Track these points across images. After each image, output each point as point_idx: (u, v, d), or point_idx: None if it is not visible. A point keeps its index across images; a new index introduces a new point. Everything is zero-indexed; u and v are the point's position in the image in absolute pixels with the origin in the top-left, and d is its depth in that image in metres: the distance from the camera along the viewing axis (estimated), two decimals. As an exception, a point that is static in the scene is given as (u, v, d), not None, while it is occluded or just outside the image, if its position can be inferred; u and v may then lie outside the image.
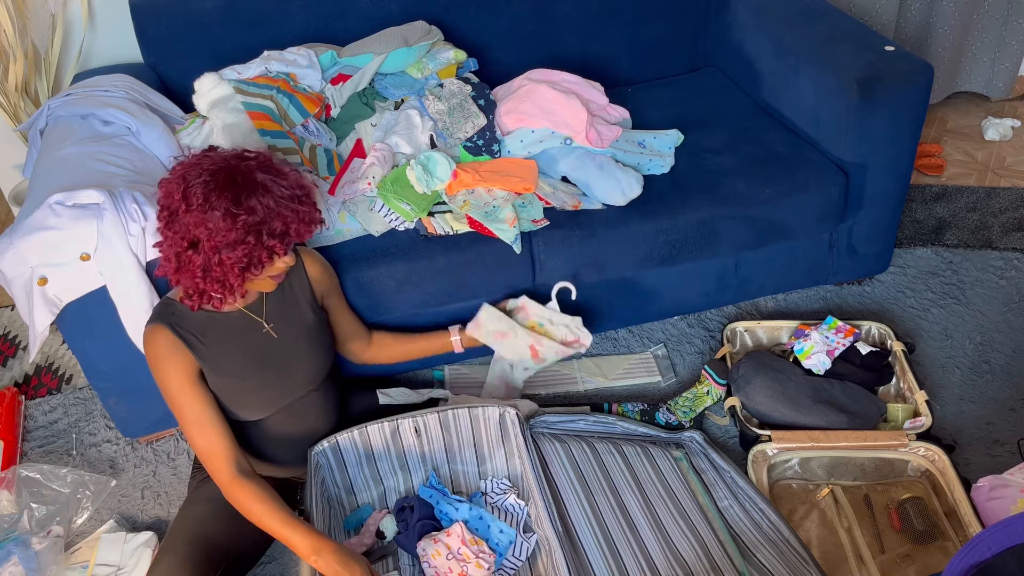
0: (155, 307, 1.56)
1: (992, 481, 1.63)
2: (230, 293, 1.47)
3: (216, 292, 1.45)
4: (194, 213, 1.38)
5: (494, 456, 1.79)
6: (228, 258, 1.40)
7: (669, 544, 1.63)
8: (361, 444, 1.71)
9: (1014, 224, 2.52)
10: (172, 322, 1.51)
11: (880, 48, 2.02)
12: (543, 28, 2.39)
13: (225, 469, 1.49)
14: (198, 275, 1.43)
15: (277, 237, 1.42)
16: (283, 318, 1.62)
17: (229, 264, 1.41)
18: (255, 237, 1.40)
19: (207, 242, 1.39)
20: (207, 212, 1.37)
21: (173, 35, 2.20)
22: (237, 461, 1.50)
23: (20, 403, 2.17)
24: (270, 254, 1.43)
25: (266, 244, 1.41)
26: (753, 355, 1.96)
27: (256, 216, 1.39)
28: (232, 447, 1.51)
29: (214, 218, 1.37)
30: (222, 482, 1.49)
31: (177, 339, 1.49)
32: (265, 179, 1.41)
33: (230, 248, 1.39)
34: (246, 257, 1.41)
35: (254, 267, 1.43)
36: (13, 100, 2.33)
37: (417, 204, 1.90)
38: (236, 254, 1.40)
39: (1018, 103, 3.15)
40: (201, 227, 1.38)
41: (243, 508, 1.48)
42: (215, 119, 1.97)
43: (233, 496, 1.48)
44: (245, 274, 1.44)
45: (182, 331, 1.50)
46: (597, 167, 1.98)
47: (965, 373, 2.05)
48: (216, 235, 1.38)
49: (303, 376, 1.64)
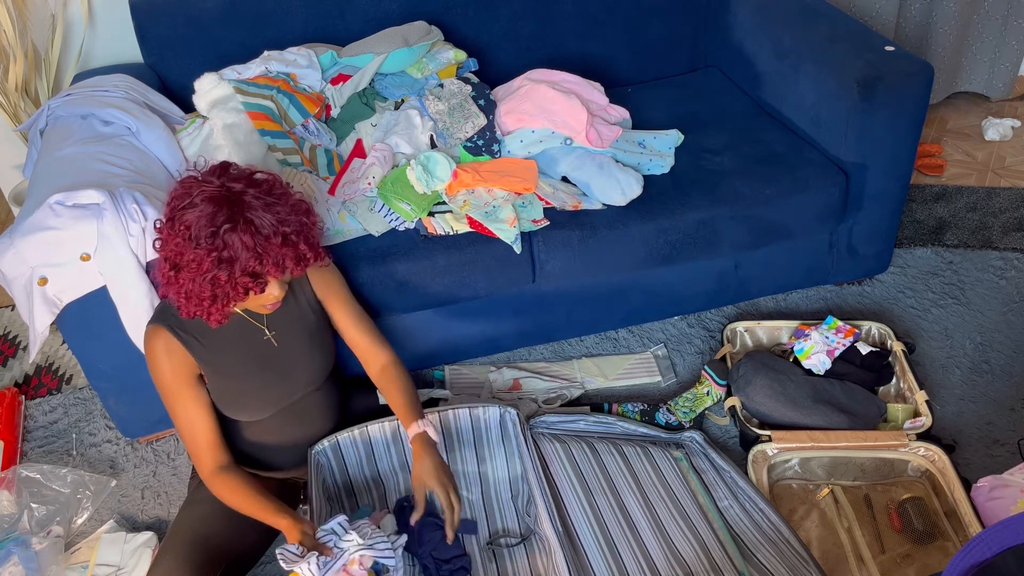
0: (156, 307, 1.56)
1: (992, 481, 1.63)
2: (211, 317, 1.44)
3: (199, 313, 1.44)
4: (176, 238, 1.37)
5: (494, 456, 1.79)
6: (200, 289, 1.39)
7: (669, 544, 1.63)
8: (361, 444, 1.71)
9: (1014, 224, 2.52)
10: (172, 323, 1.51)
11: (880, 48, 2.01)
12: (543, 28, 2.39)
13: (207, 465, 1.54)
14: (181, 295, 1.42)
15: (249, 275, 1.39)
16: (284, 320, 1.62)
17: (201, 296, 1.40)
18: (226, 274, 1.37)
19: (185, 269, 1.38)
20: (186, 240, 1.36)
21: (173, 35, 2.20)
22: (220, 458, 1.55)
23: (20, 403, 2.17)
24: (244, 291, 1.41)
25: (237, 280, 1.38)
26: (753, 355, 1.96)
27: (229, 252, 1.36)
28: (218, 446, 1.55)
29: (190, 248, 1.36)
30: (204, 476, 1.55)
31: (176, 340, 1.50)
32: (255, 213, 1.37)
33: (202, 280, 1.38)
34: (214, 291, 1.39)
35: (223, 301, 1.41)
36: (13, 100, 2.33)
37: (417, 204, 1.90)
38: (206, 288, 1.38)
39: (1018, 103, 3.15)
40: (180, 254, 1.38)
41: (224, 499, 1.53)
42: (215, 119, 1.97)
43: (214, 489, 1.54)
44: (218, 305, 1.42)
45: (182, 332, 1.51)
46: (597, 167, 1.98)
47: (965, 373, 2.05)
48: (191, 266, 1.37)
49: (303, 377, 1.64)
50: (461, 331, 2.07)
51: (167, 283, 1.43)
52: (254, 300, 1.46)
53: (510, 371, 2.12)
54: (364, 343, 1.68)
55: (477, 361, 2.19)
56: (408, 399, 1.62)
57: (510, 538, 1.71)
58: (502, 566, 1.66)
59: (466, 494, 1.79)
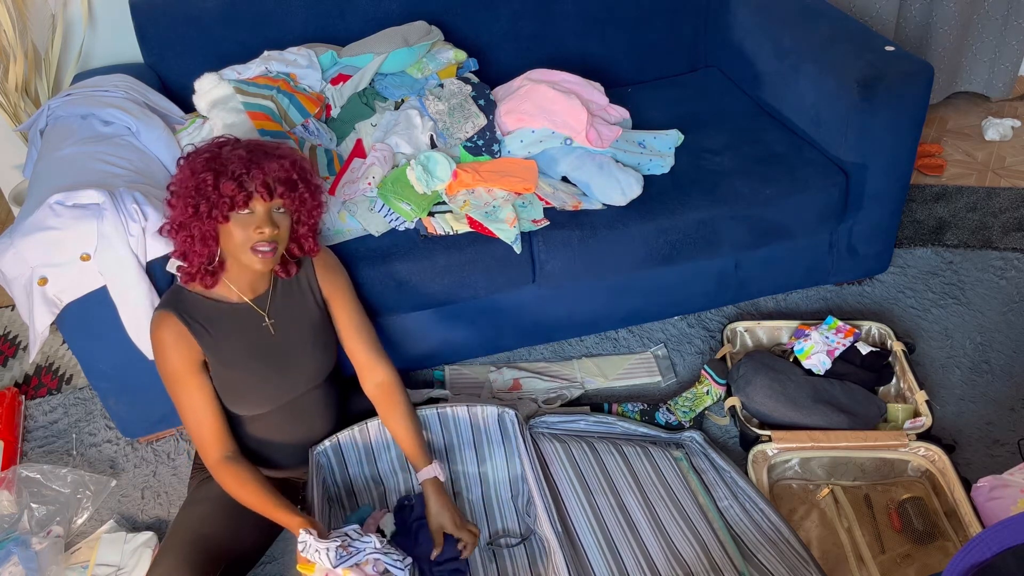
0: (165, 294, 1.59)
1: (992, 481, 1.63)
2: (204, 245, 1.48)
3: (189, 251, 1.49)
4: (182, 172, 1.46)
5: (494, 456, 1.79)
6: (189, 202, 1.44)
7: (669, 544, 1.63)
8: (362, 443, 1.71)
9: (1014, 224, 2.52)
10: (181, 309, 1.53)
11: (880, 48, 2.01)
12: (543, 28, 2.39)
13: (213, 453, 1.54)
14: (176, 234, 1.49)
15: (234, 179, 1.42)
16: (288, 314, 1.63)
17: (192, 208, 1.44)
18: (212, 176, 1.42)
19: (180, 192, 1.46)
20: (191, 174, 1.44)
21: (173, 35, 2.20)
22: (227, 446, 1.55)
23: (20, 403, 2.17)
24: (229, 201, 1.42)
25: (222, 188, 1.42)
26: (753, 355, 1.96)
27: (220, 162, 1.44)
28: (224, 434, 1.56)
29: (187, 171, 1.45)
30: (210, 465, 1.55)
31: (184, 327, 1.51)
32: (254, 144, 1.49)
33: (193, 192, 1.43)
34: (197, 199, 1.43)
35: (206, 214, 1.44)
36: (13, 100, 2.33)
37: (417, 204, 1.90)
38: (190, 197, 1.44)
39: (1018, 103, 3.15)
40: (180, 184, 1.46)
41: (230, 491, 1.54)
42: (215, 119, 1.97)
43: (220, 478, 1.54)
44: (207, 223, 1.45)
45: (190, 319, 1.52)
46: (597, 167, 1.98)
47: (965, 373, 2.05)
48: (185, 182, 1.45)
49: (304, 373, 1.65)
50: (461, 331, 2.07)
51: (171, 230, 1.50)
52: (239, 232, 1.45)
53: (510, 371, 2.12)
54: (363, 355, 1.67)
55: (477, 361, 2.19)
56: (417, 437, 1.63)
57: (510, 538, 1.71)
58: (502, 566, 1.66)
59: (466, 494, 1.79)
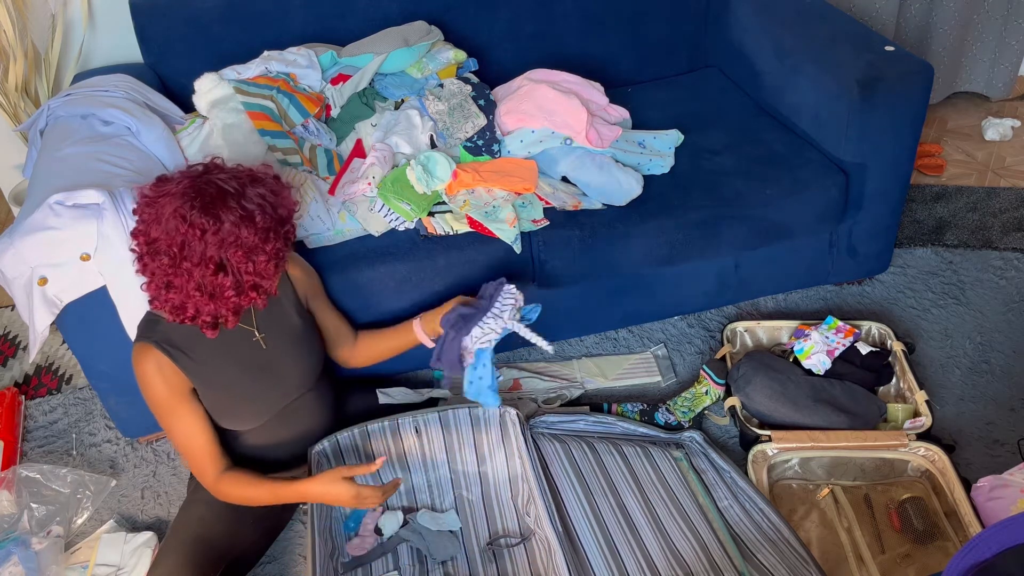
0: (140, 324, 1.51)
1: (992, 481, 1.63)
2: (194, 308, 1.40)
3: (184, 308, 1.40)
4: (173, 226, 1.35)
5: (494, 456, 1.79)
6: (189, 284, 1.37)
7: (669, 544, 1.63)
8: (361, 443, 1.71)
9: (1014, 224, 2.52)
10: (158, 339, 1.47)
11: (880, 48, 2.02)
12: (543, 28, 2.39)
13: (211, 472, 1.53)
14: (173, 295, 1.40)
15: (234, 277, 1.38)
16: (271, 325, 1.60)
17: (196, 294, 1.37)
18: (213, 268, 1.36)
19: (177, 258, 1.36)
20: (182, 217, 1.34)
21: (173, 35, 2.20)
22: (222, 464, 1.55)
23: (20, 403, 2.17)
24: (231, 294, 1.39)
25: (221, 282, 1.36)
26: (753, 355, 1.96)
27: (220, 243, 1.35)
28: (218, 453, 1.55)
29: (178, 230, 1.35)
30: (209, 484, 1.54)
31: (165, 357, 1.46)
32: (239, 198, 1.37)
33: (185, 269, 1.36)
34: (200, 280, 1.36)
35: (213, 295, 1.38)
36: (13, 100, 2.33)
37: (417, 204, 1.90)
38: (189, 275, 1.36)
39: (1018, 103, 3.15)
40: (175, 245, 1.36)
41: (236, 499, 1.53)
42: (215, 119, 1.97)
43: (222, 493, 1.53)
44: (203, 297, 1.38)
45: (170, 348, 1.47)
46: (597, 167, 1.98)
47: (965, 373, 2.05)
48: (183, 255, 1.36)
49: (294, 381, 1.63)
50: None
51: (158, 288, 1.40)
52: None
53: (510, 371, 2.12)
54: (339, 328, 1.77)
55: (477, 361, 2.19)
56: (386, 331, 1.79)
57: (510, 538, 1.71)
58: (502, 566, 1.66)
59: (466, 494, 1.79)
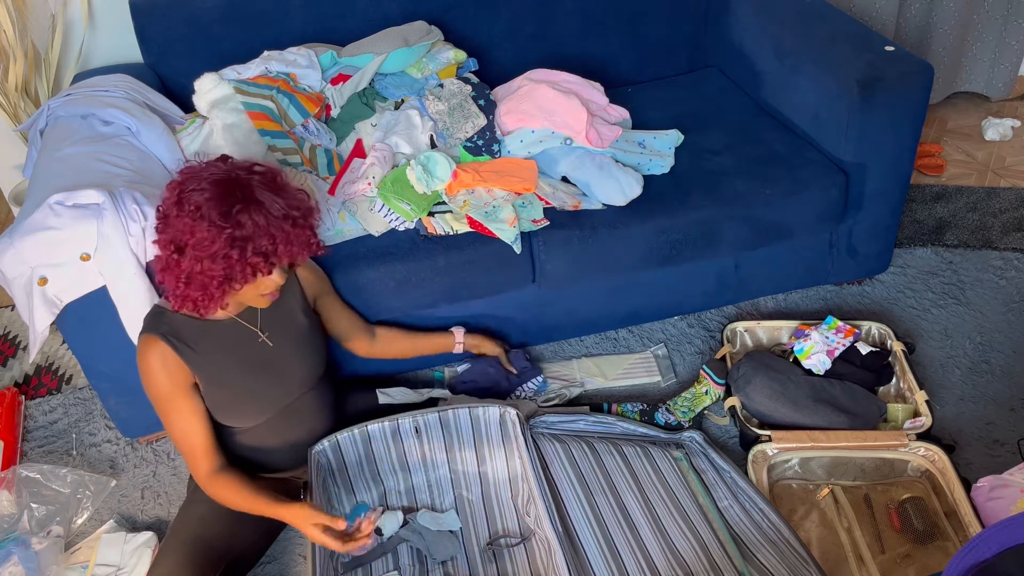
0: (146, 317, 1.53)
1: (992, 481, 1.63)
2: (211, 302, 1.43)
3: (198, 300, 1.43)
4: (184, 219, 1.37)
5: (494, 456, 1.79)
6: (209, 269, 1.38)
7: (669, 544, 1.63)
8: (361, 443, 1.71)
9: (1014, 224, 2.52)
10: (165, 332, 1.48)
11: (880, 48, 2.01)
12: (543, 28, 2.39)
13: (204, 467, 1.54)
14: (181, 280, 1.41)
15: (261, 255, 1.38)
16: (276, 325, 1.61)
17: (210, 276, 1.39)
18: (238, 252, 1.37)
19: (192, 250, 1.37)
20: (196, 220, 1.35)
21: (173, 35, 2.20)
22: (216, 461, 1.55)
23: (20, 403, 2.17)
24: (253, 271, 1.40)
25: (249, 260, 1.38)
26: (753, 355, 1.96)
27: (243, 231, 1.36)
28: (213, 449, 1.55)
29: (201, 227, 1.35)
30: (200, 478, 1.55)
31: (170, 350, 1.48)
32: (264, 196, 1.38)
33: (211, 260, 1.37)
34: (225, 271, 1.38)
35: (234, 282, 1.40)
36: (13, 100, 2.33)
37: (417, 204, 1.90)
38: (216, 266, 1.37)
39: (1018, 103, 3.15)
40: (188, 234, 1.37)
41: (222, 500, 1.54)
42: (215, 119, 1.97)
43: (212, 491, 1.54)
44: (224, 287, 1.41)
45: (176, 341, 1.49)
46: (597, 167, 1.98)
47: (965, 373, 2.05)
48: (201, 245, 1.36)
49: (297, 380, 1.64)
50: (461, 331, 2.07)
51: (166, 268, 1.42)
52: (251, 289, 1.45)
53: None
54: (352, 321, 1.83)
55: (477, 361, 2.19)
56: (421, 336, 1.96)
57: (510, 538, 1.71)
58: (502, 566, 1.66)
59: (466, 494, 1.79)
